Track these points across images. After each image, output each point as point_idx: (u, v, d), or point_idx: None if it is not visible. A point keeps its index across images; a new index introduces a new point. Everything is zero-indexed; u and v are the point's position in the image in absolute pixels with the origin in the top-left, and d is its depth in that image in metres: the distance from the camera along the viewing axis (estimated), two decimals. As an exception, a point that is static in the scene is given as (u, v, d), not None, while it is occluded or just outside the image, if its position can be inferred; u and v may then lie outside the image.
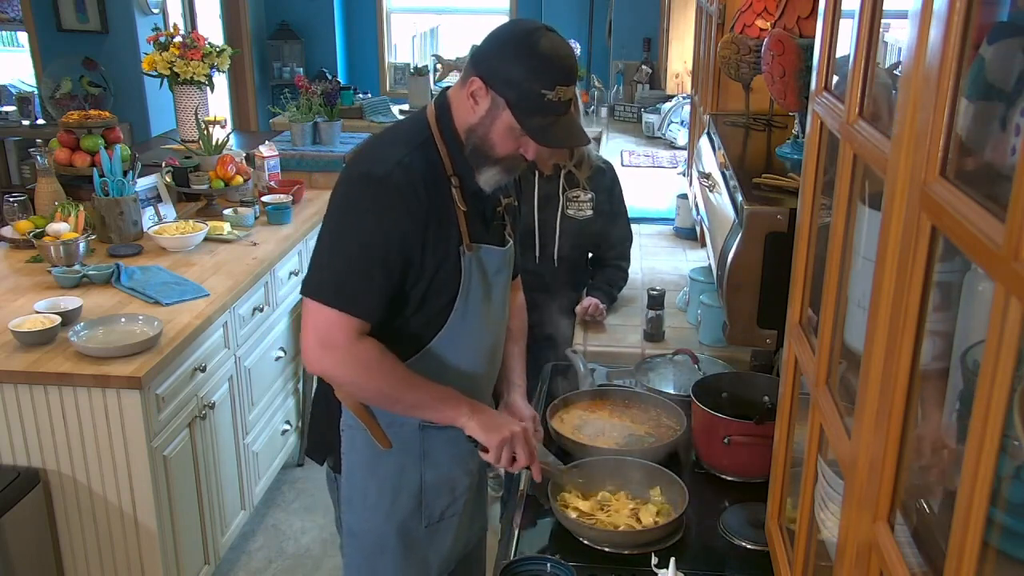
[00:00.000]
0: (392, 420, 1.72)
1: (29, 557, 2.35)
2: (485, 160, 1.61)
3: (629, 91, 5.76)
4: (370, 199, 1.58)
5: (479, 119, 1.58)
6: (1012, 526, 0.73)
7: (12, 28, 6.44)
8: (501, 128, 1.57)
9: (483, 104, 1.57)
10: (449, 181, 1.63)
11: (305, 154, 4.48)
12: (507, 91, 1.53)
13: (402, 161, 1.58)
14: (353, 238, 1.59)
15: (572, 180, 2.69)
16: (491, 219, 1.73)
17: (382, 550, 1.80)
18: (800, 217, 1.29)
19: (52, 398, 2.32)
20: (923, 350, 0.83)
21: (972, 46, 0.74)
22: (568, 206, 2.69)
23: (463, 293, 1.66)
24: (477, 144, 1.60)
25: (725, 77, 2.25)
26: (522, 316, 2.01)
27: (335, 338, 1.59)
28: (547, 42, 1.53)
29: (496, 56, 1.55)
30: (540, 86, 1.51)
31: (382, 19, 7.38)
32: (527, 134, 1.56)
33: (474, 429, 1.68)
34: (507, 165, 1.63)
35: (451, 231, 1.63)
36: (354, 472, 1.77)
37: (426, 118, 1.66)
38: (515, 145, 1.59)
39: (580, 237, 2.73)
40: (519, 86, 1.52)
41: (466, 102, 1.59)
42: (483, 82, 1.55)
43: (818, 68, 1.22)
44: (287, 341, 3.36)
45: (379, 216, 1.57)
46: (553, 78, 1.52)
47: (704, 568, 1.65)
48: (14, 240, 3.11)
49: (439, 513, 1.80)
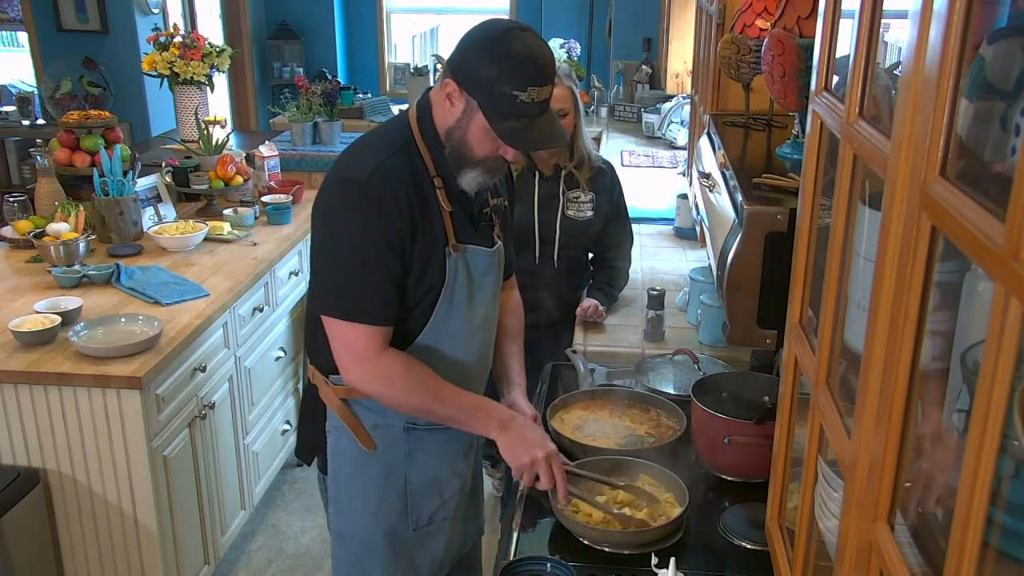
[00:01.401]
0: (378, 422, 1.72)
1: (29, 557, 2.35)
2: (465, 162, 1.60)
3: (629, 91, 5.76)
4: (355, 204, 1.57)
5: (456, 121, 1.57)
6: (1012, 526, 0.73)
7: (12, 28, 6.44)
8: (477, 130, 1.55)
9: (459, 106, 1.56)
10: (432, 182, 1.63)
11: (305, 154, 4.49)
12: (479, 94, 1.52)
13: (382, 164, 1.57)
14: (348, 246, 1.59)
15: (572, 181, 2.69)
16: (478, 219, 1.72)
17: (370, 552, 1.79)
18: (800, 217, 1.29)
19: (52, 398, 2.32)
20: (923, 350, 0.83)
21: (972, 46, 0.74)
22: (568, 207, 2.69)
23: (446, 294, 1.66)
24: (456, 146, 1.60)
25: (725, 77, 2.25)
26: (519, 314, 2.00)
27: (361, 350, 1.61)
28: (519, 43, 1.49)
29: (468, 58, 1.53)
30: (511, 88, 1.49)
31: (382, 19, 7.38)
32: (498, 137, 1.54)
33: (502, 448, 1.69)
34: (488, 167, 1.62)
35: (437, 232, 1.63)
36: (340, 473, 1.77)
37: (407, 120, 1.66)
38: (493, 147, 1.58)
39: (580, 238, 2.73)
40: (490, 89, 1.50)
41: (444, 103, 1.58)
42: (457, 84, 1.54)
43: (818, 68, 1.22)
44: (287, 341, 3.36)
45: (367, 219, 1.56)
46: (525, 80, 1.49)
47: (704, 568, 1.65)
48: (14, 240, 3.11)
49: (427, 517, 1.80)
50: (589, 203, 2.71)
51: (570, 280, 2.77)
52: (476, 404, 1.70)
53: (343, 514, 1.80)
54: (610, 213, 2.77)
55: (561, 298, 2.69)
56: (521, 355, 1.96)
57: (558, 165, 2.67)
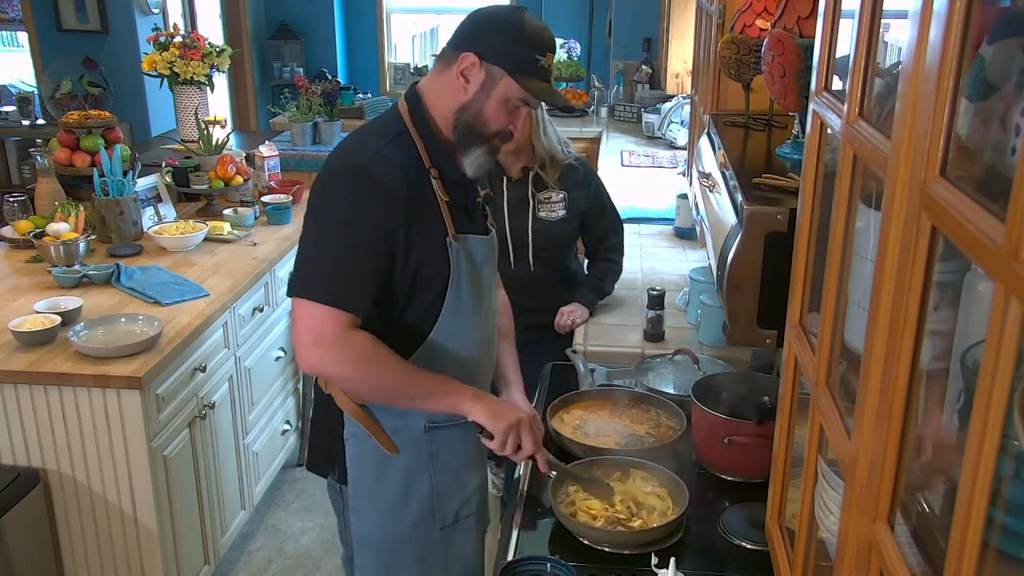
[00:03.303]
0: (397, 424, 1.70)
1: (29, 557, 2.35)
2: (476, 139, 1.64)
3: (629, 91, 5.76)
4: (350, 190, 1.57)
5: (472, 96, 1.62)
6: (1012, 526, 0.73)
7: (12, 28, 6.44)
8: (496, 100, 1.62)
9: (476, 80, 1.61)
10: (428, 172, 1.64)
11: (305, 154, 4.49)
12: (504, 60, 1.60)
13: (381, 151, 1.59)
14: (335, 231, 1.58)
15: (541, 182, 2.66)
16: (473, 209, 1.74)
17: (397, 558, 1.76)
18: (800, 217, 1.29)
19: (52, 398, 2.32)
20: (923, 350, 0.83)
21: (972, 46, 0.74)
22: (539, 208, 2.67)
23: (454, 283, 1.65)
24: (469, 122, 1.63)
25: (725, 77, 2.25)
26: (508, 313, 2.00)
27: (326, 333, 1.57)
28: (529, 16, 1.64)
29: (488, 32, 1.62)
30: (534, 52, 1.60)
31: (382, 19, 7.38)
32: (530, 94, 1.62)
33: (479, 415, 1.66)
34: (492, 146, 1.68)
35: (435, 222, 1.63)
36: (361, 481, 1.73)
37: (398, 113, 1.67)
38: (506, 120, 1.64)
39: (555, 238, 2.70)
40: (516, 54, 1.60)
41: (454, 83, 1.62)
42: (478, 57, 1.60)
43: (818, 68, 1.22)
44: (287, 341, 3.36)
45: (360, 206, 1.56)
46: (543, 45, 1.62)
47: (704, 568, 1.65)
48: (14, 240, 3.11)
49: (453, 515, 1.77)
50: (561, 202, 2.68)
51: (551, 280, 2.73)
52: (444, 380, 1.67)
53: (367, 521, 1.75)
54: (589, 209, 2.73)
55: (542, 300, 2.66)
56: (515, 354, 1.95)
57: (526, 167, 2.64)
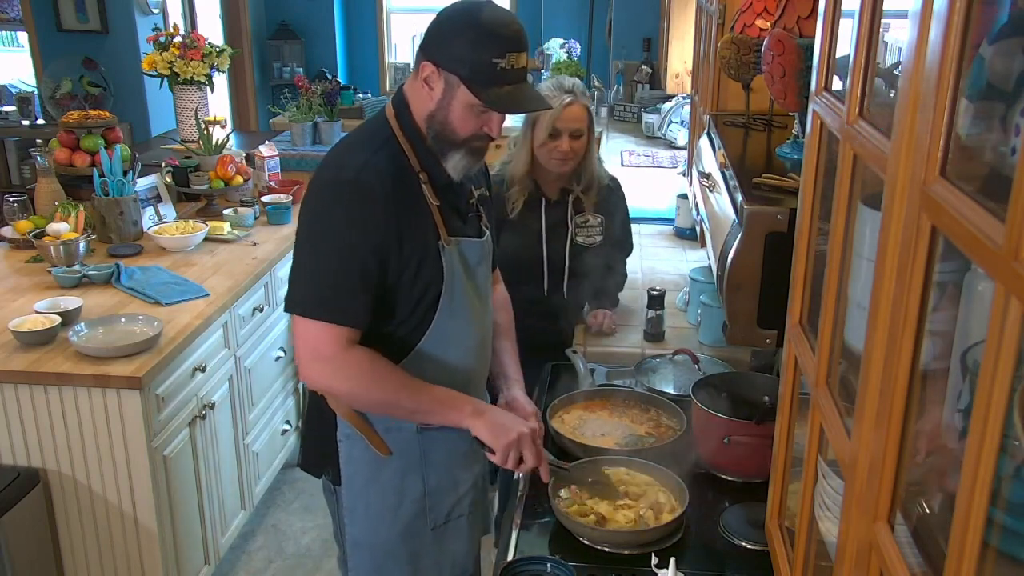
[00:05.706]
0: (389, 426, 1.70)
1: (29, 557, 2.35)
2: (449, 145, 1.61)
3: (629, 91, 5.76)
4: (340, 203, 1.57)
5: (437, 104, 1.58)
6: (1012, 526, 0.73)
7: (12, 28, 6.44)
8: (459, 108, 1.57)
9: (438, 88, 1.57)
10: (417, 177, 1.62)
11: (305, 154, 4.49)
12: (458, 67, 1.53)
13: (368, 162, 1.57)
14: (328, 245, 1.58)
15: (579, 205, 2.57)
16: (465, 211, 1.73)
17: (389, 558, 1.77)
18: (800, 217, 1.29)
19: (52, 398, 2.32)
20: (923, 350, 0.83)
21: (972, 46, 0.74)
22: (577, 233, 2.57)
23: (447, 288, 1.64)
24: (439, 130, 1.60)
25: (725, 77, 2.25)
26: (508, 308, 1.99)
27: (325, 350, 1.58)
28: (488, 14, 1.53)
29: (441, 36, 1.56)
30: (490, 55, 1.51)
31: (382, 19, 7.39)
32: (486, 105, 1.55)
33: (480, 430, 1.65)
34: (472, 148, 1.63)
35: (427, 227, 1.62)
36: (354, 482, 1.74)
37: (386, 118, 1.66)
38: (477, 124, 1.59)
39: (589, 266, 2.59)
40: (469, 60, 1.52)
41: (421, 90, 1.59)
42: (434, 65, 1.55)
43: (818, 68, 1.22)
44: (287, 341, 3.36)
45: (351, 219, 1.56)
46: (502, 45, 1.52)
47: (704, 568, 1.65)
48: (14, 240, 3.11)
49: (444, 515, 1.78)
50: (599, 227, 2.59)
51: (577, 310, 2.66)
52: (445, 393, 1.66)
53: (359, 523, 1.76)
54: (619, 235, 2.69)
55: (567, 323, 2.61)
56: (515, 351, 1.93)
57: (565, 189, 2.55)
